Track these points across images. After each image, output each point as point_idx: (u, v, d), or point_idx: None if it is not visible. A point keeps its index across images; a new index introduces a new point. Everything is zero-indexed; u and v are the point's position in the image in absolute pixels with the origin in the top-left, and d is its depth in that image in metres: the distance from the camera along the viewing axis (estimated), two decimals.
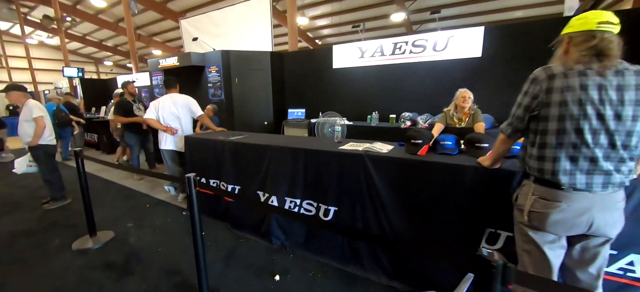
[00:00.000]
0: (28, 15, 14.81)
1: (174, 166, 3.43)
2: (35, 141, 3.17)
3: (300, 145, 2.35)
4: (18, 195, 3.94)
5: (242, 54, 4.86)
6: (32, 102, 3.21)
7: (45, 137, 3.27)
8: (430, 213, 1.81)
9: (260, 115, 5.10)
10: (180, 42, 16.54)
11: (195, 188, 1.55)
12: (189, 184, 1.53)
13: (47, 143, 3.29)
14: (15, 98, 3.20)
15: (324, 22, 13.00)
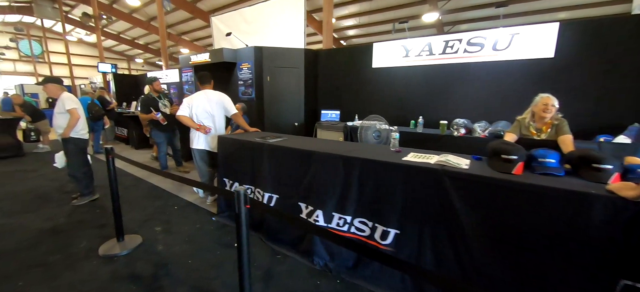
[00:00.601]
0: (69, 14, 15.64)
1: (204, 166, 3.21)
2: (68, 132, 3.08)
3: (355, 153, 2.01)
4: (49, 188, 3.89)
5: (275, 50, 4.62)
6: (66, 95, 3.14)
7: (78, 130, 3.17)
8: (533, 252, 1.41)
9: (290, 115, 4.83)
10: (208, 41, 16.92)
11: (245, 205, 1.24)
12: (237, 200, 1.23)
13: (79, 137, 3.20)
14: (52, 90, 3.14)
15: (350, 22, 12.67)
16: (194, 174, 4.58)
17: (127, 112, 6.90)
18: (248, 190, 2.68)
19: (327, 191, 2.08)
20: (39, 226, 2.75)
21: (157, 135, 4.10)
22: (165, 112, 4.08)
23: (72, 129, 3.10)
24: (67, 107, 3.06)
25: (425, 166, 1.70)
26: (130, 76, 10.38)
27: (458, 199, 1.57)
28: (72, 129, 3.10)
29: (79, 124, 3.15)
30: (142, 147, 6.63)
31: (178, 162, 4.52)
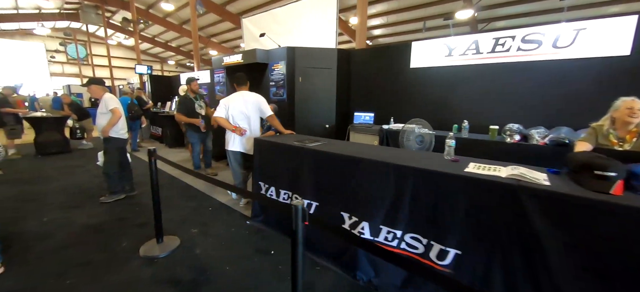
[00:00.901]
0: (110, 19, 16.73)
1: (238, 168, 3.17)
2: (108, 130, 3.17)
3: (407, 162, 1.83)
4: (93, 184, 4.07)
5: (307, 51, 4.52)
6: (108, 95, 3.23)
7: (118, 130, 3.25)
8: None
9: (322, 117, 4.70)
10: (235, 43, 17.34)
11: (302, 222, 1.12)
12: (295, 215, 1.11)
13: (118, 136, 3.28)
14: (95, 91, 3.24)
15: (376, 22, 12.35)
16: (222, 174, 4.61)
17: (162, 112, 7.16)
18: (285, 195, 2.58)
19: (375, 201, 1.91)
20: (85, 222, 2.85)
21: (191, 136, 4.16)
22: (200, 112, 4.11)
23: (113, 127, 3.19)
24: (110, 107, 3.15)
25: (495, 179, 1.49)
26: (165, 77, 10.85)
27: (540, 220, 1.34)
28: (112, 126, 3.18)
29: (119, 123, 3.23)
30: (176, 146, 6.84)
31: (207, 164, 4.56)
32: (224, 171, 4.80)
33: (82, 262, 2.18)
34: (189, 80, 4.10)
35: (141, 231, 2.67)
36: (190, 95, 4.09)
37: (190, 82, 4.08)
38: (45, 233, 2.61)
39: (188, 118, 4.02)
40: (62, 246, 2.41)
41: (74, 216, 2.99)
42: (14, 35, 17.33)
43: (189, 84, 4.09)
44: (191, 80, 4.09)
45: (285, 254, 2.33)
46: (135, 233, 2.64)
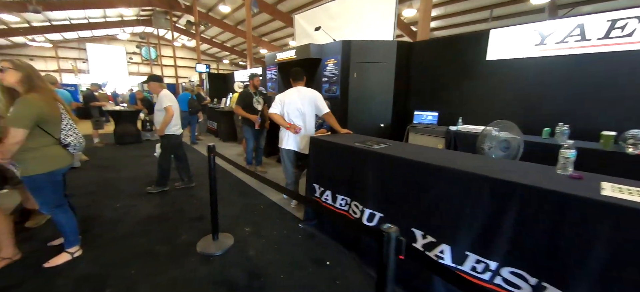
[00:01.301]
0: (176, 23, 18.48)
1: (291, 167, 3.04)
2: (163, 129, 3.29)
3: (508, 175, 1.43)
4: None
5: (364, 44, 4.21)
6: (164, 93, 3.30)
7: (171, 127, 3.35)
8: None
9: (376, 115, 4.36)
10: (284, 41, 17.75)
11: (396, 254, 0.85)
12: (387, 244, 0.85)
13: (171, 133, 3.38)
14: (153, 87, 3.37)
15: (434, 13, 11.35)
16: (272, 172, 4.58)
17: (218, 108, 7.53)
18: (342, 201, 2.34)
19: (460, 221, 1.55)
20: (149, 211, 3.00)
21: (247, 131, 4.18)
22: (257, 108, 4.11)
23: (167, 125, 3.29)
24: (164, 105, 3.23)
25: None
26: (221, 75, 11.53)
27: None
28: (166, 125, 3.28)
29: (172, 120, 3.31)
30: (229, 140, 7.14)
31: (258, 161, 4.55)
32: (274, 168, 4.78)
33: (146, 252, 2.24)
34: (252, 75, 4.11)
35: (198, 225, 2.70)
36: (250, 91, 4.10)
37: (253, 77, 4.09)
38: (116, 219, 2.80)
39: (245, 112, 4.02)
40: (129, 233, 2.53)
41: (140, 204, 3.18)
42: (102, 40, 20.29)
43: (252, 79, 4.10)
44: (254, 76, 4.10)
45: (342, 267, 2.10)
46: (193, 227, 2.68)
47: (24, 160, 1.83)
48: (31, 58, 17.95)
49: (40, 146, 1.86)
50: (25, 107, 1.75)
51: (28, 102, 1.76)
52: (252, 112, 4.09)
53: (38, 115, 1.79)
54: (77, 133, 2.07)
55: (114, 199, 3.32)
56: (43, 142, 1.87)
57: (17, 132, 1.72)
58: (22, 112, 1.74)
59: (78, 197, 3.37)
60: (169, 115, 3.26)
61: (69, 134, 2.01)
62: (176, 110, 3.38)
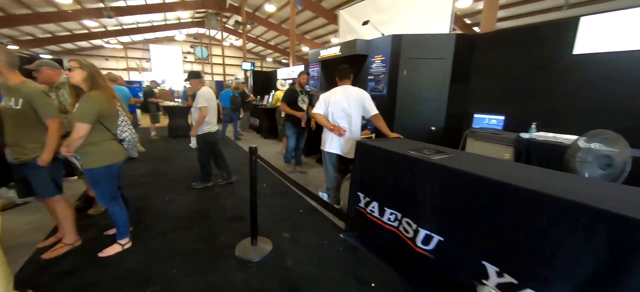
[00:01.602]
0: (226, 24, 19.55)
1: (333, 171, 2.84)
2: (195, 130, 3.31)
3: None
4: None
5: (417, 38, 3.82)
6: (202, 91, 3.30)
7: (203, 128, 3.36)
8: None
9: (428, 117, 3.94)
10: (326, 39, 17.64)
11: None
12: None
13: (205, 132, 3.39)
14: (193, 85, 3.41)
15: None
16: (312, 172, 4.44)
17: (261, 105, 7.67)
18: (391, 216, 2.07)
19: (556, 263, 1.19)
20: (192, 207, 3.06)
21: (288, 129, 4.09)
22: (302, 107, 3.99)
23: (198, 126, 3.30)
24: (199, 105, 3.24)
25: None
26: (264, 72, 11.84)
27: None
28: (198, 126, 3.30)
29: (206, 119, 3.33)
30: (270, 137, 7.23)
31: (297, 161, 4.44)
32: (314, 169, 4.64)
33: (187, 250, 2.24)
34: (300, 73, 4.00)
35: (238, 226, 2.65)
36: (296, 89, 3.99)
37: (300, 75, 3.97)
38: (163, 212, 2.90)
39: (291, 109, 3.92)
40: (173, 228, 2.58)
41: (185, 198, 3.28)
42: (163, 41, 22.38)
43: (299, 76, 3.99)
44: (301, 73, 3.98)
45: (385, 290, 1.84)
46: (232, 227, 2.64)
47: (85, 153, 1.92)
48: (106, 58, 20.59)
49: (100, 140, 1.94)
50: (89, 104, 1.83)
51: (91, 99, 1.84)
52: (296, 110, 3.98)
53: (99, 112, 1.87)
54: (131, 129, 2.14)
55: (163, 191, 3.48)
56: (102, 137, 1.95)
57: (82, 126, 1.81)
58: (86, 108, 1.82)
59: (133, 187, 3.61)
60: (201, 117, 3.27)
61: (124, 130, 2.09)
62: (212, 109, 3.39)
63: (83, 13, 12.80)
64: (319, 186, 3.78)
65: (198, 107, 3.26)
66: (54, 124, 1.92)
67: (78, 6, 12.36)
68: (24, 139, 1.89)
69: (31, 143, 1.91)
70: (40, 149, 1.91)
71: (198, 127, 3.31)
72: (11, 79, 1.85)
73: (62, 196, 2.12)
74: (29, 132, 1.90)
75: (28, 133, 1.90)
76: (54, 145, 1.94)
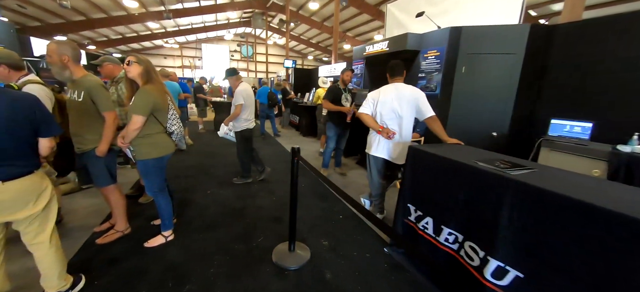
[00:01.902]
0: (270, 23, 20.14)
1: (378, 177, 2.59)
2: (228, 120, 3.37)
3: None
4: None
5: (481, 31, 3.35)
6: (240, 88, 3.34)
7: (243, 122, 3.39)
8: None
9: (488, 121, 3.45)
10: (369, 36, 17.14)
11: None
12: None
13: (244, 128, 3.41)
14: (232, 82, 3.45)
15: None
16: (352, 174, 4.21)
17: (302, 102, 7.64)
18: (450, 236, 1.77)
19: None
20: (232, 204, 3.05)
21: (330, 129, 3.90)
22: (345, 106, 3.80)
23: (230, 121, 3.37)
24: (236, 103, 3.30)
25: None
26: (305, 70, 11.88)
27: None
28: (229, 121, 3.37)
29: (242, 115, 3.36)
30: (310, 135, 7.17)
31: (337, 162, 4.24)
32: (354, 171, 4.41)
33: (225, 250, 2.20)
34: (344, 70, 3.78)
35: (276, 228, 2.56)
36: (340, 86, 3.80)
37: (343, 72, 3.76)
38: (205, 207, 2.94)
39: (335, 106, 3.71)
40: (213, 224, 2.58)
41: (226, 194, 3.30)
42: (213, 40, 23.93)
43: (343, 73, 3.77)
44: (344, 71, 3.77)
45: None
46: (270, 228, 2.55)
47: (138, 145, 1.98)
48: (165, 56, 22.66)
49: (153, 132, 1.98)
50: (145, 97, 1.87)
51: (147, 93, 1.88)
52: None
53: (154, 105, 1.90)
54: (179, 123, 2.17)
55: (206, 185, 3.57)
56: (155, 129, 1.99)
57: (138, 118, 1.86)
58: (142, 101, 1.86)
59: (180, 179, 3.77)
60: (234, 114, 3.33)
61: (173, 124, 2.11)
62: (248, 107, 3.41)
63: (147, 16, 14.19)
64: (359, 190, 3.55)
65: (235, 104, 3.33)
66: (110, 116, 2.00)
67: (143, 9, 13.72)
68: (85, 130, 2.00)
69: (91, 134, 2.01)
70: (98, 140, 2.01)
71: (231, 120, 3.39)
72: (76, 72, 1.95)
73: (116, 185, 2.22)
74: (89, 123, 2.00)
75: (88, 124, 2.00)
76: (111, 137, 2.02)
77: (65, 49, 1.88)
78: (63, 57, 1.86)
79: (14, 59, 1.96)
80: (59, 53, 1.85)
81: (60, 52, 1.85)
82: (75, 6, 11.53)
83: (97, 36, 16.75)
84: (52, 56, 1.83)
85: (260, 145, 6.12)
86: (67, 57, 1.88)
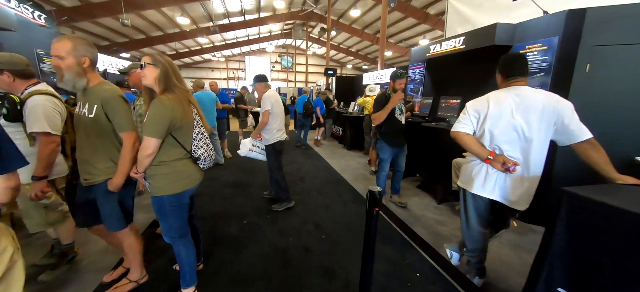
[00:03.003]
0: (310, 33, 20.08)
1: (478, 224, 1.75)
2: (256, 132, 2.96)
3: None
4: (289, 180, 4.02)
5: (616, 12, 2.35)
6: (266, 95, 2.88)
7: (274, 133, 2.91)
8: None
9: (625, 139, 2.39)
10: (413, 41, 16.01)
11: None
12: None
13: (276, 140, 2.92)
14: (258, 89, 2.98)
15: None
16: (413, 203, 3.35)
17: (345, 112, 6.97)
18: None
19: None
20: (273, 240, 2.45)
21: (382, 149, 3.13)
22: (400, 119, 3.05)
23: (259, 131, 2.93)
24: (262, 110, 2.87)
25: None
26: (347, 77, 11.26)
27: None
28: (258, 131, 2.93)
29: (271, 127, 2.90)
30: (355, 148, 6.44)
31: (395, 188, 3.35)
32: (417, 198, 3.55)
33: None
34: (394, 75, 3.02)
35: (329, 287, 1.87)
36: (390, 93, 3.04)
37: (395, 77, 3.00)
38: (239, 244, 2.37)
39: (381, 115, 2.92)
40: (247, 276, 1.98)
41: (265, 225, 2.72)
42: (256, 53, 24.73)
43: (393, 80, 3.02)
44: (396, 77, 3.00)
45: None
46: (321, 286, 1.87)
47: (153, 176, 1.47)
48: (212, 69, 23.95)
49: (171, 159, 1.46)
50: (159, 111, 1.36)
51: (162, 105, 1.36)
52: (391, 124, 3.01)
53: (171, 121, 1.38)
54: (207, 144, 1.61)
55: (243, 210, 3.06)
56: (174, 154, 1.47)
57: (150, 142, 1.37)
58: (156, 117, 1.36)
59: (215, 199, 3.32)
60: (262, 124, 2.86)
61: (199, 146, 1.56)
62: (278, 116, 2.92)
63: (197, 31, 14.98)
64: (430, 229, 2.71)
65: (262, 111, 2.87)
66: (130, 138, 1.50)
67: (194, 26, 14.50)
68: (96, 156, 1.53)
69: (103, 162, 1.54)
70: (112, 171, 1.53)
71: (259, 130, 2.93)
72: (92, 79, 1.51)
73: (131, 225, 1.73)
74: (103, 147, 1.53)
75: (102, 149, 1.54)
76: (129, 166, 1.52)
77: (84, 49, 1.43)
78: (83, 60, 1.43)
79: (20, 65, 1.60)
80: (76, 54, 1.40)
81: (78, 53, 1.41)
82: (136, 25, 12.52)
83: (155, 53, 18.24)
84: (66, 59, 1.38)
85: (301, 159, 5.56)
86: (87, 60, 1.45)
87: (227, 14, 14.34)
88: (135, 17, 11.50)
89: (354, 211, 3.10)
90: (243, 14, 14.98)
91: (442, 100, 3.77)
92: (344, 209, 3.16)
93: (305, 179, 4.25)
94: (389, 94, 3.02)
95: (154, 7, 10.16)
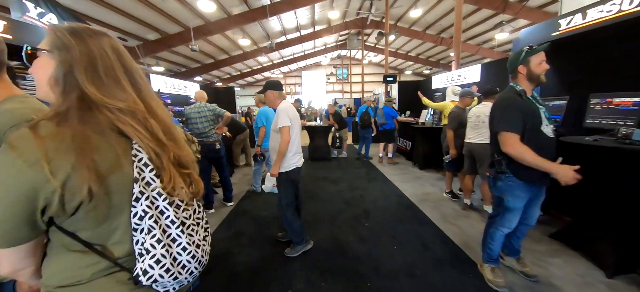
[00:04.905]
0: (366, 42, 19.34)
1: None
2: (278, 160, 2.13)
3: None
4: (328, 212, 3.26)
5: None
6: (282, 107, 2.18)
7: (290, 161, 2.18)
8: None
9: None
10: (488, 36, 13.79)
11: None
12: None
13: (292, 167, 2.20)
14: (269, 99, 2.33)
15: None
16: (555, 273, 2.17)
17: (414, 123, 5.87)
18: None
19: None
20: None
21: (510, 191, 1.76)
22: (546, 133, 1.97)
23: (283, 156, 2.11)
24: (279, 125, 2.13)
25: None
26: (412, 82, 10.03)
27: None
28: (282, 156, 2.11)
29: (291, 148, 2.15)
30: (428, 167, 5.30)
31: (514, 249, 2.08)
32: (554, 260, 2.35)
33: None
34: (525, 54, 1.86)
35: None
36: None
37: (526, 56, 1.82)
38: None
39: None
40: None
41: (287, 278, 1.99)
42: (311, 67, 25.12)
43: (525, 62, 1.86)
44: (529, 54, 1.82)
45: None
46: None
47: None
48: None
49: (74, 280, 0.82)
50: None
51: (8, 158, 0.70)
52: (536, 143, 1.81)
53: (35, 194, 0.69)
54: (171, 235, 0.96)
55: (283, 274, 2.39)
56: (80, 268, 0.83)
57: None
58: None
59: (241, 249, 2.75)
60: (284, 143, 2.09)
61: (146, 239, 0.93)
62: (297, 135, 2.22)
63: (257, 51, 15.77)
64: None
65: (279, 127, 2.13)
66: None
67: (254, 46, 15.29)
68: None
69: None
70: None
71: (282, 157, 2.14)
72: None
73: None
74: None
75: None
76: None
77: None
78: None
79: None
80: None
81: None
82: (204, 50, 13.73)
83: (223, 75, 19.97)
84: None
85: (364, 182, 4.68)
86: None
87: (284, 31, 14.67)
88: (204, 44, 12.56)
89: (454, 279, 2.09)
90: (299, 30, 15.16)
91: (593, 99, 2.49)
92: (437, 273, 2.13)
93: (370, 215, 3.27)
94: (519, 91, 1.78)
95: (218, 31, 10.84)
